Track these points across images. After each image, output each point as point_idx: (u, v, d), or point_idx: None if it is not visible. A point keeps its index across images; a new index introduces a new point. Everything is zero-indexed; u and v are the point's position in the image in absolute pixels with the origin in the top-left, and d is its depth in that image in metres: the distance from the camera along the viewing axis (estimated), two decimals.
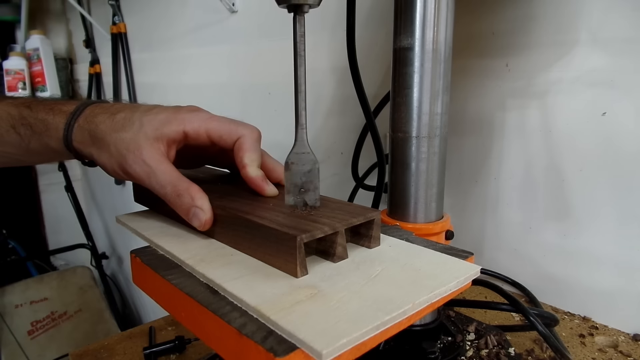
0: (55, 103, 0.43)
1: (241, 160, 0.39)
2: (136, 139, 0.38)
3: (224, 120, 0.40)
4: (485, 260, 0.70)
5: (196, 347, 0.59)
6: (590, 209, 0.58)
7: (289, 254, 0.31)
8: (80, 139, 0.40)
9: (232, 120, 0.40)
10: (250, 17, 1.07)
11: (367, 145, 0.70)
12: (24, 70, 1.92)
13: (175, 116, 0.39)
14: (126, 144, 0.38)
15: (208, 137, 0.39)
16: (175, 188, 0.37)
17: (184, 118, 0.39)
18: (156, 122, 0.38)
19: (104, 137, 0.39)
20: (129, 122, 0.39)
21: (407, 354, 0.47)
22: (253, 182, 0.39)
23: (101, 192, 2.27)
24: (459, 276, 0.31)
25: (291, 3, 0.34)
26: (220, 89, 1.22)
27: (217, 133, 0.39)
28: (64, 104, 0.42)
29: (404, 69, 0.46)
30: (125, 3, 1.62)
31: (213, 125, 0.39)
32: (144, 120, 0.39)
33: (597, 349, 0.53)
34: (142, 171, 0.37)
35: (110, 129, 0.39)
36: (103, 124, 0.39)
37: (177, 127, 0.39)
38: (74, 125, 0.40)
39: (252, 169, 0.39)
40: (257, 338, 0.24)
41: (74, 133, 0.40)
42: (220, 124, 0.40)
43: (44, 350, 1.78)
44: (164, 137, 0.38)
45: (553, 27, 0.57)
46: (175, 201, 0.37)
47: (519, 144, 0.63)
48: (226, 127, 0.39)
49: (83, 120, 0.40)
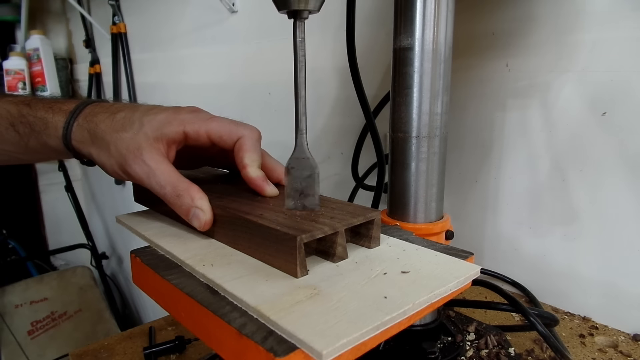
0: (54, 102, 0.43)
1: (242, 160, 0.39)
2: (136, 139, 0.38)
3: (224, 121, 0.40)
4: (485, 260, 0.70)
5: (196, 347, 0.59)
6: (591, 209, 0.58)
7: (289, 254, 0.31)
8: (80, 138, 0.40)
9: (232, 121, 0.40)
10: (250, 17, 1.07)
11: (367, 145, 0.70)
12: (24, 70, 1.93)
13: (176, 116, 0.39)
14: (126, 144, 0.38)
15: (208, 137, 0.39)
16: (175, 188, 0.37)
17: (184, 118, 0.39)
18: (156, 123, 0.38)
19: (104, 137, 0.39)
20: (129, 122, 0.39)
21: (407, 354, 0.47)
22: (253, 182, 0.39)
23: (101, 192, 2.27)
24: (459, 276, 0.31)
25: (291, 9, 0.34)
26: (220, 89, 1.22)
27: (217, 134, 0.39)
28: (64, 103, 0.42)
29: (404, 69, 0.46)
30: (125, 3, 1.62)
31: (213, 126, 0.39)
32: (144, 120, 0.39)
33: (597, 349, 0.53)
34: (142, 171, 0.37)
35: (110, 129, 0.39)
36: (103, 123, 0.39)
37: (177, 128, 0.39)
38: (74, 124, 0.40)
39: (253, 169, 0.39)
40: (257, 338, 0.24)
41: (73, 132, 0.40)
42: (221, 125, 0.40)
43: (44, 350, 1.78)
44: (164, 138, 0.38)
45: (553, 27, 0.57)
46: (175, 202, 0.37)
47: (519, 144, 0.63)
48: (226, 128, 0.39)
49: (82, 119, 0.40)
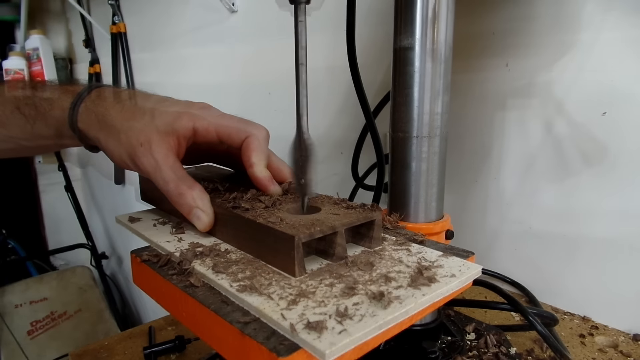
0: (60, 84, 0.42)
1: (249, 159, 0.39)
2: (147, 131, 0.37)
3: (234, 119, 0.40)
4: (485, 260, 0.70)
5: (196, 346, 0.59)
6: (590, 209, 0.58)
7: (287, 254, 0.31)
8: (87, 120, 0.40)
9: (241, 119, 0.40)
10: (250, 17, 1.07)
11: (367, 145, 0.70)
12: (23, 70, 1.92)
13: (187, 111, 0.39)
14: (137, 135, 0.38)
15: (217, 135, 0.39)
16: (178, 186, 0.37)
17: (195, 114, 0.39)
18: (168, 116, 0.38)
19: (114, 123, 0.38)
20: (140, 112, 0.39)
21: (408, 354, 0.47)
22: (259, 181, 0.40)
23: (101, 192, 2.27)
24: (460, 276, 0.31)
25: None
26: (220, 88, 1.22)
27: (226, 131, 0.39)
28: (70, 85, 0.42)
29: (404, 68, 0.46)
30: (125, 3, 1.62)
31: (223, 124, 0.39)
32: (156, 112, 0.38)
33: (597, 349, 0.53)
34: (149, 164, 0.37)
35: (120, 116, 0.39)
36: (113, 109, 0.39)
37: (188, 124, 0.38)
38: (80, 105, 0.40)
39: (259, 168, 0.39)
40: (260, 338, 0.24)
41: (80, 114, 0.40)
42: (230, 123, 0.40)
43: (44, 350, 1.78)
44: (175, 133, 0.38)
45: (553, 27, 0.58)
46: (177, 199, 0.37)
47: (519, 144, 0.63)
48: (235, 126, 0.39)
49: (90, 102, 0.40)
